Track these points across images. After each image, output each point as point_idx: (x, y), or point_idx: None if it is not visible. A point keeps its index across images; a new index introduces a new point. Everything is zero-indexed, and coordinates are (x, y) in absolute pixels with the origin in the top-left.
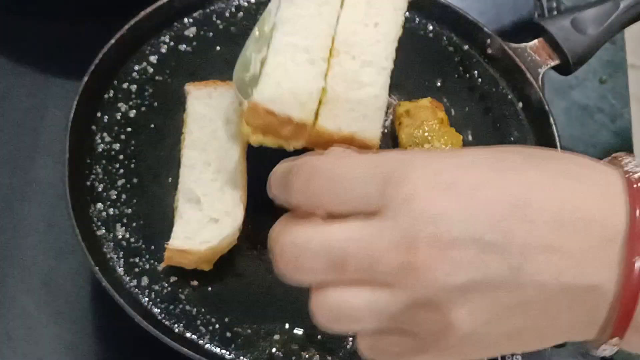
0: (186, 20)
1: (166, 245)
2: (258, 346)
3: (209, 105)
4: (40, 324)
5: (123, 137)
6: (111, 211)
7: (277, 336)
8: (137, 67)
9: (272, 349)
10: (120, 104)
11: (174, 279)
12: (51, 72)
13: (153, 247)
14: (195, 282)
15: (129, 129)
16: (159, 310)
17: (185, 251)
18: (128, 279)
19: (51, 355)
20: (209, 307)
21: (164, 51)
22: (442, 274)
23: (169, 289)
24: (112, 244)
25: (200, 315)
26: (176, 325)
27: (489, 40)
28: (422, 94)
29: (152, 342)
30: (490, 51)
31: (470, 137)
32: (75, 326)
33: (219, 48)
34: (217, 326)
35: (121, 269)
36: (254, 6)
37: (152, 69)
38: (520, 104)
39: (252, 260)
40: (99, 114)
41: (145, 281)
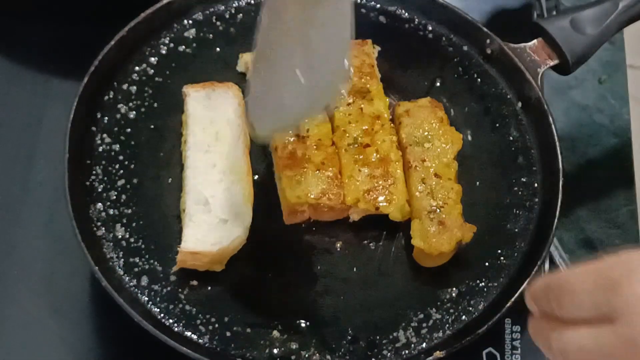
0: (186, 21)
1: (178, 249)
2: (258, 346)
3: (209, 106)
4: (40, 324)
5: (123, 138)
6: (111, 211)
7: (276, 335)
8: (137, 68)
9: (271, 348)
10: (120, 105)
11: (173, 278)
12: (51, 72)
13: (153, 247)
14: (195, 282)
15: (128, 130)
16: (158, 310)
17: (198, 253)
18: (128, 279)
19: (51, 355)
20: (209, 307)
21: (163, 52)
22: None
23: (169, 289)
24: (112, 244)
25: (200, 315)
26: (176, 325)
27: (488, 41)
28: (421, 94)
29: (152, 341)
30: (489, 51)
31: (470, 137)
32: (75, 326)
33: (218, 49)
34: (217, 326)
35: (121, 269)
36: (253, 8)
37: (152, 70)
38: (520, 104)
39: (253, 261)
40: (99, 115)
41: (145, 281)
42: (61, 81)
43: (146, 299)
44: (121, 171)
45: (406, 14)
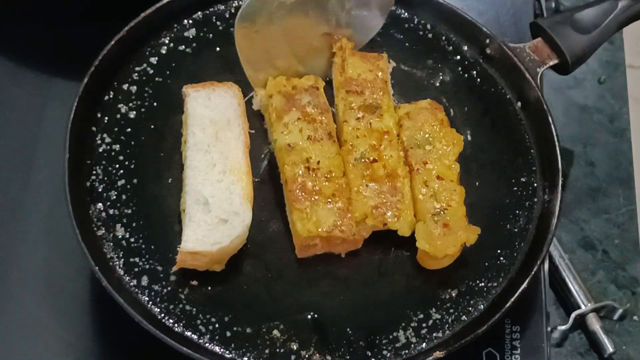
0: (186, 21)
1: (178, 248)
2: (258, 345)
3: (208, 106)
4: (40, 324)
5: (123, 137)
6: (111, 211)
7: (276, 335)
8: (137, 68)
9: (271, 349)
10: (120, 105)
11: (173, 278)
12: (51, 72)
13: (153, 247)
14: (195, 282)
15: (129, 130)
16: (159, 310)
17: (198, 253)
18: (128, 279)
19: (51, 355)
20: (209, 307)
21: (163, 52)
22: None
23: (169, 288)
24: (112, 244)
25: (200, 315)
26: (176, 325)
27: (488, 40)
28: (421, 94)
29: (152, 341)
30: (489, 51)
31: (470, 137)
32: (75, 326)
33: (218, 49)
34: (217, 326)
35: (121, 269)
36: None
37: (152, 70)
38: (519, 104)
39: (253, 260)
40: (99, 115)
41: (145, 281)
42: (61, 81)
43: (146, 299)
44: (121, 171)
45: (406, 13)
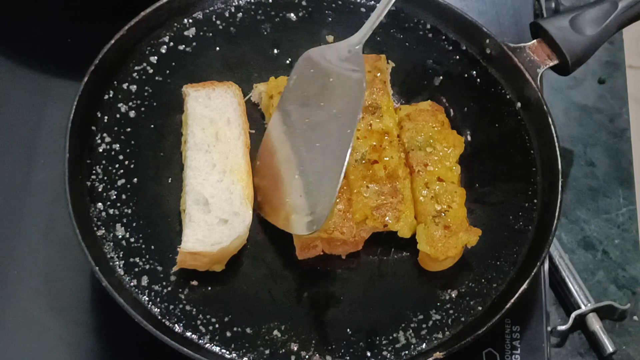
0: (186, 20)
1: (178, 249)
2: (258, 346)
3: (208, 106)
4: (40, 324)
5: (123, 137)
6: (111, 211)
7: (277, 336)
8: (137, 67)
9: (271, 349)
10: (120, 105)
11: (174, 278)
12: (51, 72)
13: (153, 247)
14: (195, 282)
15: (128, 129)
16: (159, 310)
17: (198, 254)
18: (128, 279)
19: (51, 355)
20: (209, 307)
21: (163, 52)
22: None
23: (169, 289)
24: (112, 244)
25: (200, 315)
26: (176, 325)
27: (487, 41)
28: (421, 94)
29: (152, 341)
30: (489, 51)
31: (470, 137)
32: (75, 326)
33: (218, 49)
34: (217, 326)
35: (121, 269)
36: (253, 7)
37: (152, 70)
38: (519, 104)
39: (253, 261)
40: (99, 114)
41: (145, 281)
42: (61, 81)
43: (146, 299)
44: (121, 171)
45: (406, 13)
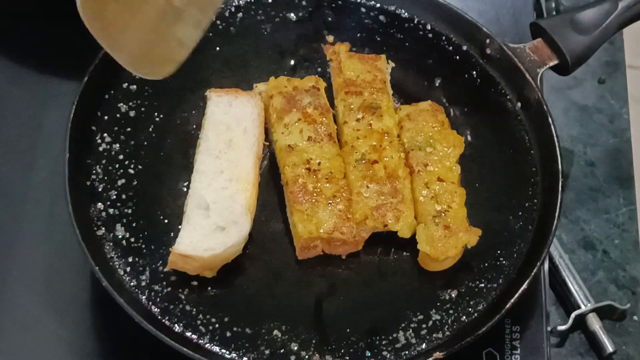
0: None
1: (171, 250)
2: (258, 346)
3: (228, 113)
4: (40, 324)
5: (123, 137)
6: (111, 211)
7: (277, 336)
8: None
9: (271, 349)
10: (120, 104)
11: (174, 279)
12: (51, 72)
13: (153, 247)
14: (195, 282)
15: (129, 129)
16: (159, 310)
17: (189, 257)
18: (128, 279)
19: (51, 355)
20: (209, 307)
21: None
22: None
23: (169, 289)
24: (112, 244)
25: (200, 315)
26: (176, 325)
27: (488, 41)
28: (421, 94)
29: (152, 341)
30: (489, 51)
31: (470, 138)
32: (75, 326)
33: (218, 48)
34: (217, 326)
35: (121, 269)
36: (253, 6)
37: None
38: (519, 104)
39: (253, 261)
40: (99, 114)
41: (145, 281)
42: (61, 81)
43: (146, 299)
44: (121, 171)
45: (406, 13)
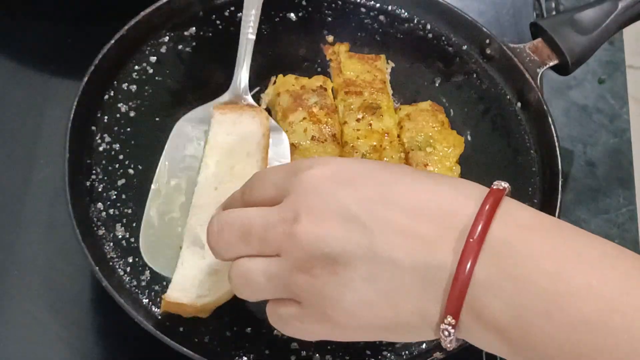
0: (186, 20)
1: (163, 297)
2: (258, 346)
3: (231, 133)
4: (40, 324)
5: (123, 137)
6: (111, 211)
7: (277, 336)
8: (137, 67)
9: (272, 349)
10: (120, 104)
11: None
12: (51, 72)
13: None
14: None
15: (129, 129)
16: (159, 310)
17: (182, 305)
18: (128, 279)
19: (51, 355)
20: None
21: (163, 51)
22: (313, 242)
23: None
24: (112, 244)
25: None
26: (176, 325)
27: (487, 41)
28: (421, 94)
29: (152, 342)
30: (489, 51)
31: (469, 138)
32: (75, 326)
33: (218, 48)
34: (217, 326)
35: (121, 269)
36: None
37: (152, 69)
38: (519, 104)
39: None
40: (99, 114)
41: (145, 281)
42: (61, 81)
43: (146, 299)
44: (121, 171)
45: (406, 13)
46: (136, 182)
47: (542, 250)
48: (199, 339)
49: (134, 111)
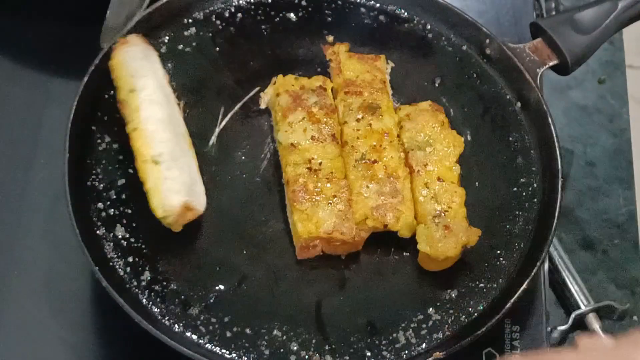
0: (186, 20)
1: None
2: (258, 346)
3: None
4: (40, 324)
5: (123, 137)
6: (111, 211)
7: (277, 336)
8: None
9: (271, 349)
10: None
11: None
12: (51, 72)
13: (153, 247)
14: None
15: None
16: (159, 310)
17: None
18: (128, 279)
19: (51, 355)
20: (209, 307)
21: (163, 51)
22: None
23: (169, 289)
24: (112, 244)
25: (200, 315)
26: (176, 325)
27: (487, 41)
28: (421, 94)
29: (152, 341)
30: (489, 51)
31: (469, 137)
32: (75, 326)
33: (218, 49)
34: (217, 326)
35: (121, 269)
36: (253, 7)
37: None
38: (519, 104)
39: (253, 261)
40: (99, 114)
41: (145, 281)
42: (61, 81)
43: (146, 299)
44: (121, 171)
45: (406, 13)
46: (136, 182)
47: None
48: (198, 339)
49: None
